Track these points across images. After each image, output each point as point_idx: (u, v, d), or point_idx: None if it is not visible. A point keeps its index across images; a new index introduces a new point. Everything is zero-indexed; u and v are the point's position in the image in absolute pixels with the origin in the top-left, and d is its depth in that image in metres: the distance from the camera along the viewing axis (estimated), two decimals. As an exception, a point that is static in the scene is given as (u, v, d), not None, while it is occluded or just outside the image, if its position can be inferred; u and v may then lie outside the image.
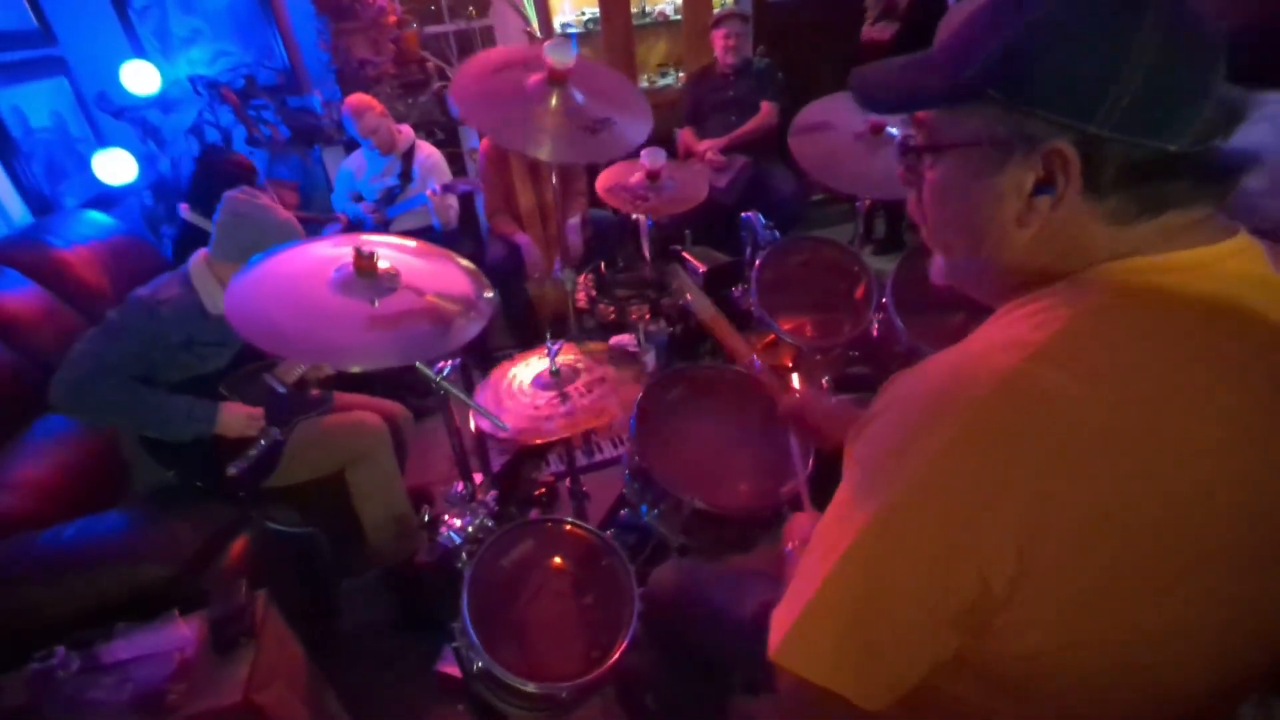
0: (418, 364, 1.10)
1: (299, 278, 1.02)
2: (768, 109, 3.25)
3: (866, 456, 0.60)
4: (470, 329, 1.11)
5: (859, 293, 1.66)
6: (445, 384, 1.13)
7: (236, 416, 1.65)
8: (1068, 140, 0.52)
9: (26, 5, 2.93)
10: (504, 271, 3.06)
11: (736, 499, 1.29)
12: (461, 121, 3.45)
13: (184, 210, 2.53)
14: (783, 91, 3.31)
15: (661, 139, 3.74)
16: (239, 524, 1.59)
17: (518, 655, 1.03)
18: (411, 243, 1.20)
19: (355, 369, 0.98)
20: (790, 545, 0.95)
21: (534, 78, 1.19)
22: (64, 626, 1.27)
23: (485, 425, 1.23)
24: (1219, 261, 0.54)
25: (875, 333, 1.64)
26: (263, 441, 1.71)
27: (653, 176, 1.61)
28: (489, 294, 1.15)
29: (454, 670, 1.71)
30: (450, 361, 1.16)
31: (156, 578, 1.38)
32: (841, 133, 1.59)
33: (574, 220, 3.09)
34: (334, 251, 1.08)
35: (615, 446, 2.49)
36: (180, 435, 1.60)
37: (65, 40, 3.08)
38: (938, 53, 0.61)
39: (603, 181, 1.68)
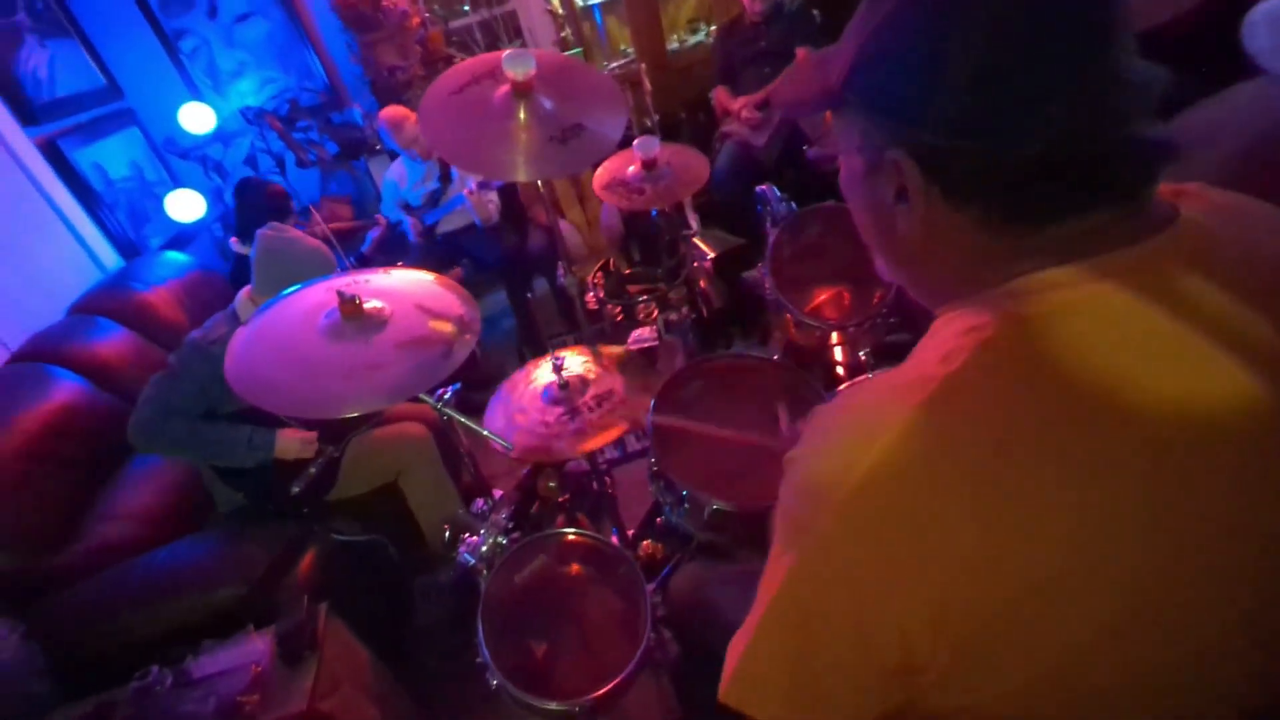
0: (425, 399, 1.12)
1: (291, 332, 1.06)
2: (803, 56, 3.04)
3: (786, 499, 0.56)
4: (465, 349, 1.13)
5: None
6: (448, 410, 1.16)
7: (291, 440, 1.77)
8: (903, 150, 0.49)
9: (93, 64, 3.18)
10: (549, 259, 3.09)
11: (757, 496, 1.25)
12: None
13: (233, 243, 2.69)
14: (819, 33, 3.09)
15: (697, 101, 3.62)
16: (306, 539, 1.71)
17: (535, 671, 1.06)
18: (393, 272, 1.23)
19: (353, 414, 1.00)
20: None
21: (500, 91, 1.17)
22: (155, 646, 1.43)
23: (494, 445, 1.25)
24: (1121, 275, 0.46)
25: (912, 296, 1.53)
26: (320, 460, 1.83)
27: (648, 166, 1.55)
28: (474, 311, 1.16)
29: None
30: (450, 388, 1.19)
31: (231, 597, 1.52)
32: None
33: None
34: (322, 297, 1.11)
35: (640, 439, 2.50)
36: (244, 462, 1.74)
37: (130, 91, 3.33)
38: (826, 56, 0.56)
39: (599, 179, 1.64)
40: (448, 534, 1.19)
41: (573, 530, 1.21)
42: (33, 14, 2.92)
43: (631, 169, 1.58)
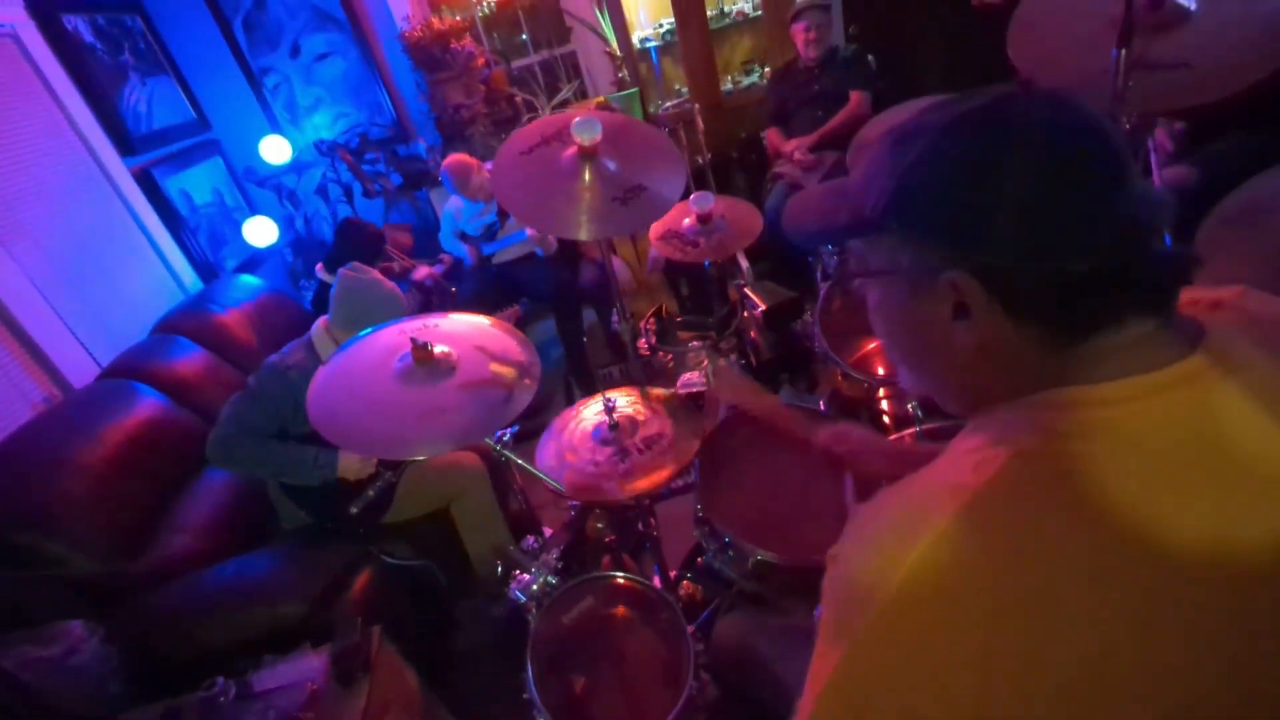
0: (492, 444, 1.19)
1: (367, 375, 1.15)
2: (857, 99, 3.08)
3: (833, 594, 0.59)
4: (526, 394, 1.19)
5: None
6: (505, 451, 1.22)
7: (352, 461, 1.86)
8: (964, 270, 0.52)
9: (185, 99, 3.44)
10: (599, 293, 3.17)
11: (801, 549, 1.27)
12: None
13: (319, 270, 2.86)
14: (874, 78, 3.13)
15: (749, 141, 3.69)
16: (361, 560, 1.79)
17: (578, 711, 1.10)
18: (453, 315, 1.30)
19: (423, 456, 1.07)
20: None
21: (567, 152, 1.24)
22: (220, 656, 1.52)
23: (546, 485, 1.31)
24: (1151, 395, 0.49)
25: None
26: (378, 483, 1.92)
27: (703, 220, 1.60)
28: (533, 356, 1.23)
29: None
30: (510, 429, 1.25)
31: (292, 614, 1.60)
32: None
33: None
34: (395, 340, 1.19)
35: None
36: (310, 480, 1.84)
37: (217, 124, 3.57)
38: (852, 184, 0.61)
39: (655, 231, 1.70)
40: (500, 569, 1.24)
41: (621, 575, 1.25)
42: (136, 54, 3.18)
43: (686, 221, 1.63)
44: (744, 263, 2.72)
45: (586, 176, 1.21)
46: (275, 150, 3.38)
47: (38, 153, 2.50)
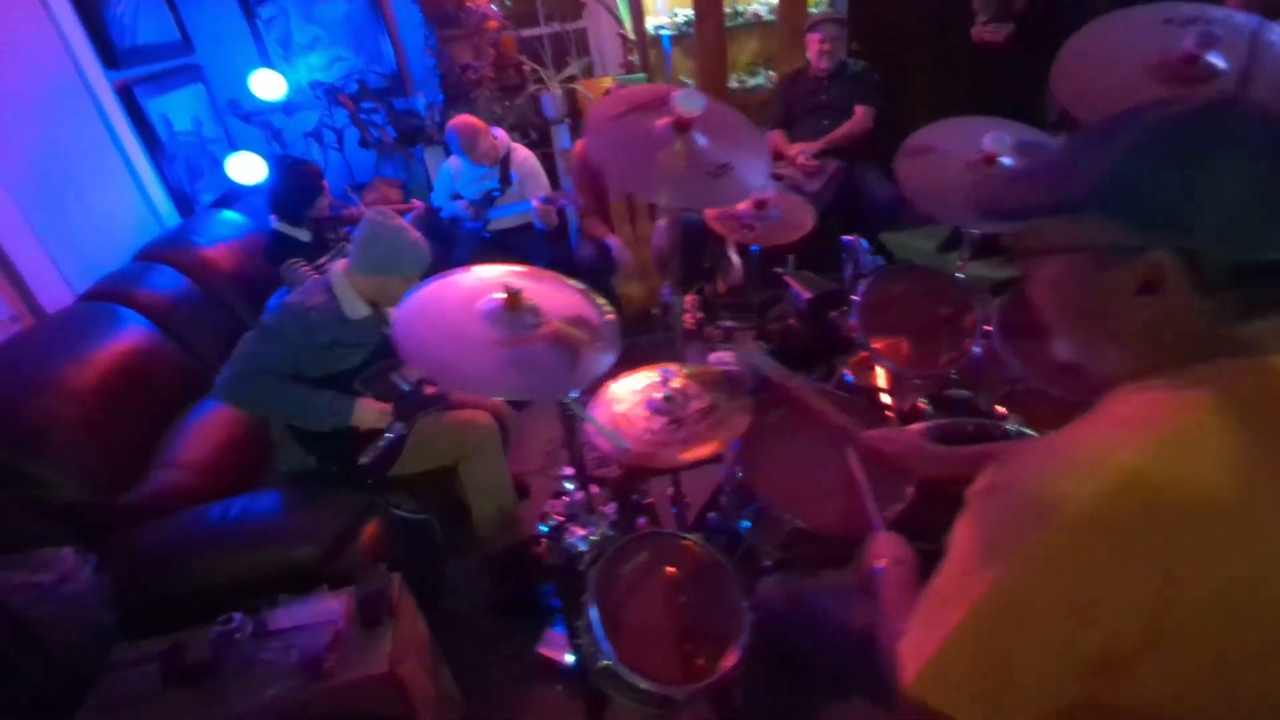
0: (573, 405, 1.21)
1: (455, 310, 1.15)
2: (862, 113, 3.22)
3: (990, 522, 0.66)
4: (595, 360, 1.22)
5: (969, 321, 1.68)
6: (575, 406, 1.25)
7: (369, 410, 1.83)
8: (1168, 250, 0.58)
9: (171, 17, 3.22)
10: (593, 271, 3.19)
11: (833, 520, 1.35)
12: (561, 122, 3.58)
13: (272, 220, 2.70)
14: (878, 95, 3.27)
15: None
16: (369, 510, 1.76)
17: (632, 655, 1.14)
18: (545, 273, 1.32)
19: (500, 399, 1.08)
20: (880, 564, 0.99)
21: (660, 122, 1.27)
22: (229, 595, 1.47)
23: (605, 444, 1.34)
24: None
25: (978, 356, 1.66)
26: (389, 434, 1.89)
27: (760, 205, 1.66)
28: (609, 326, 1.26)
29: (554, 653, 1.86)
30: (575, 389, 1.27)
31: (308, 556, 1.57)
32: (950, 160, 1.60)
33: (662, 222, 3.17)
34: (483, 283, 1.20)
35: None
36: (322, 425, 1.79)
37: (202, 49, 3.37)
38: (1042, 170, 0.68)
39: (711, 210, 1.75)
40: (552, 523, 1.27)
41: (686, 535, 1.30)
42: (125, -40, 2.95)
43: (743, 205, 1.69)
44: (735, 259, 2.81)
45: (678, 146, 1.25)
46: (268, 85, 3.22)
47: (18, 54, 2.31)
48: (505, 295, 1.14)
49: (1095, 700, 0.63)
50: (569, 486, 1.29)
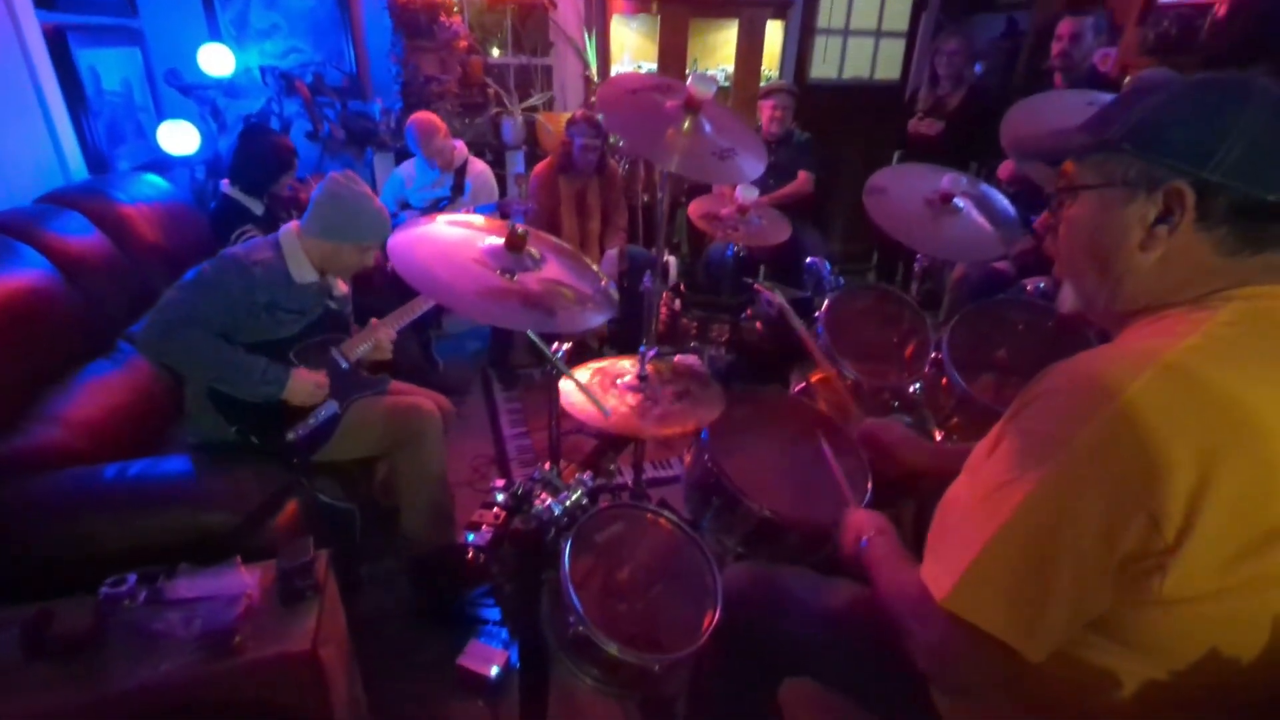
0: (534, 337, 1.17)
1: (455, 242, 1.11)
2: (804, 177, 3.47)
3: (1032, 429, 0.69)
4: (590, 317, 1.20)
5: (909, 350, 1.79)
6: (559, 363, 1.21)
7: (305, 383, 1.68)
8: (1186, 182, 0.67)
9: (119, -24, 3.04)
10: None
11: (802, 512, 1.35)
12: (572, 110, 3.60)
13: (224, 184, 2.55)
14: (820, 164, 3.54)
15: (696, 190, 3.95)
16: (291, 488, 1.59)
17: (604, 626, 1.07)
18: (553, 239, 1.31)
19: (487, 322, 1.04)
20: (865, 537, 1.00)
21: (670, 103, 1.32)
22: (125, 561, 1.27)
23: (578, 413, 1.29)
24: None
25: (916, 384, 1.76)
26: (322, 412, 1.74)
27: (742, 211, 1.73)
28: (607, 285, 1.25)
29: (476, 666, 1.71)
30: (563, 345, 1.24)
31: (221, 524, 1.38)
32: (911, 197, 1.74)
33: (612, 252, 3.22)
34: (490, 231, 1.17)
35: (658, 468, 2.57)
36: (251, 393, 1.63)
37: (146, 15, 3.19)
38: (1081, 124, 0.77)
39: (696, 209, 1.81)
40: (520, 489, 1.20)
41: (653, 508, 1.26)
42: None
43: (727, 210, 1.75)
44: (673, 266, 2.86)
45: (686, 125, 1.30)
46: (217, 61, 3.07)
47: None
48: (508, 236, 1.11)
49: (1126, 607, 0.65)
50: (543, 470, 1.23)
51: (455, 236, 1.14)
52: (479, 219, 1.22)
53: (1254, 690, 0.69)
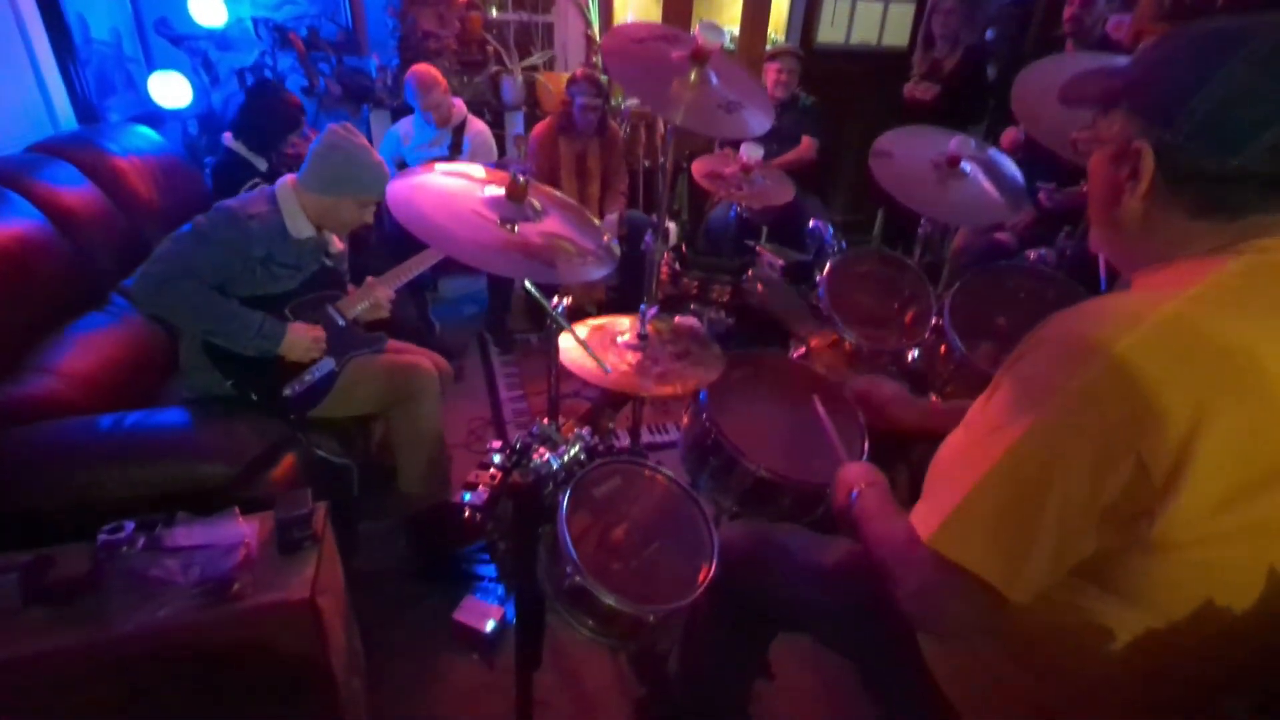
0: (532, 288, 1.15)
1: (455, 190, 1.09)
2: (808, 143, 3.41)
3: (1029, 375, 0.69)
4: (590, 270, 1.18)
5: (909, 316, 1.78)
6: (559, 317, 1.19)
7: (301, 338, 1.67)
8: (1149, 142, 0.66)
9: (105, -82, 2.94)
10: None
11: (798, 471, 1.36)
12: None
13: (227, 139, 2.52)
14: (823, 130, 3.48)
15: (698, 154, 3.90)
16: (288, 442, 1.59)
17: (601, 577, 1.07)
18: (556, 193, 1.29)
19: (487, 269, 1.03)
20: (856, 489, 0.99)
21: (677, 53, 1.28)
22: (121, 511, 1.26)
23: (576, 370, 1.29)
24: None
25: (915, 350, 1.75)
26: (319, 369, 1.73)
27: (746, 170, 1.71)
28: (609, 239, 1.23)
29: (471, 621, 1.74)
30: (562, 301, 1.22)
31: (218, 475, 1.38)
32: (916, 160, 1.72)
33: (612, 216, 3.19)
34: (490, 181, 1.15)
35: (655, 433, 2.58)
36: (245, 348, 1.61)
37: (135, -40, 3.08)
38: (1101, 71, 0.76)
39: (700, 168, 1.78)
40: (518, 444, 1.20)
41: (657, 468, 1.26)
42: None
43: (730, 169, 1.72)
44: (673, 233, 2.84)
45: (693, 76, 1.27)
46: (208, 10, 2.98)
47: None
48: (509, 184, 1.09)
49: (1114, 552, 0.66)
50: (541, 425, 1.22)
51: (455, 186, 1.11)
52: (478, 169, 1.19)
53: (1245, 642, 0.70)
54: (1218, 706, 0.78)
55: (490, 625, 1.73)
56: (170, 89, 2.78)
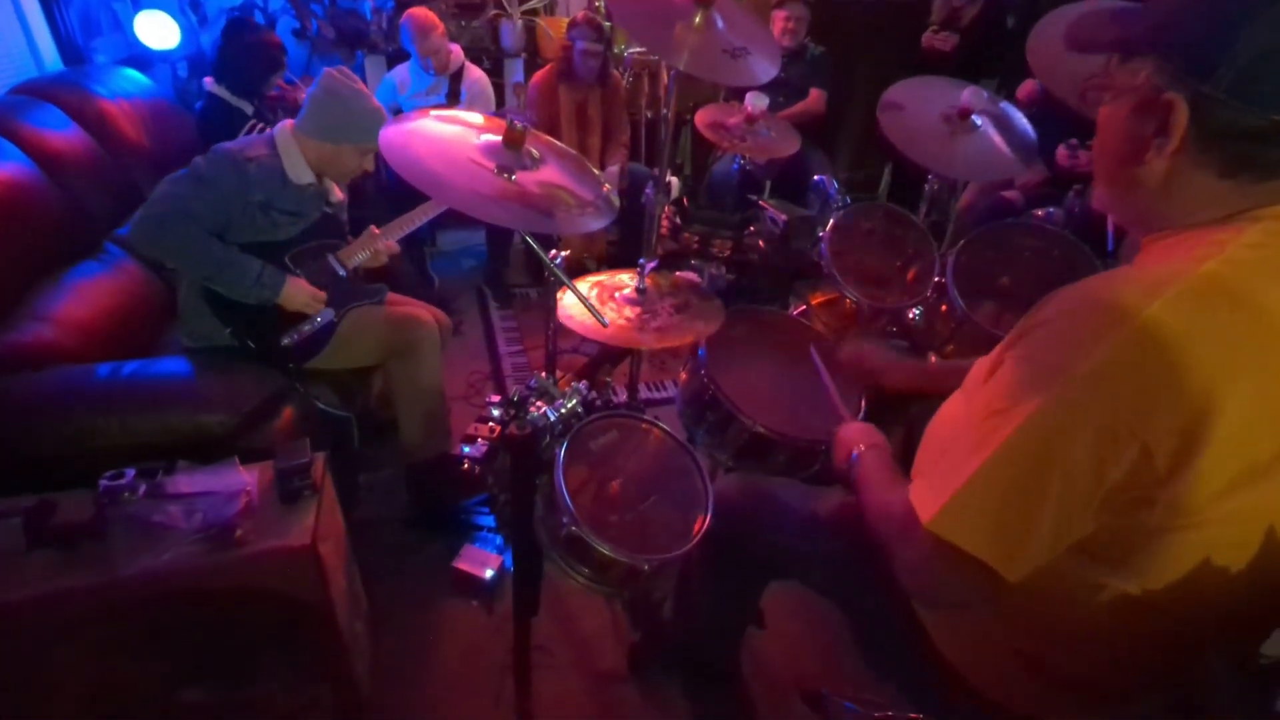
0: (531, 242, 1.13)
1: (450, 136, 1.06)
2: (816, 95, 3.32)
3: (1034, 355, 0.67)
4: (589, 221, 1.16)
5: (912, 274, 1.76)
6: (557, 270, 1.18)
7: (300, 290, 1.66)
8: (1182, 96, 0.61)
9: None
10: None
11: (794, 427, 1.36)
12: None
13: (209, 83, 2.43)
14: (833, 81, 3.38)
15: (702, 106, 3.80)
16: (287, 393, 1.59)
17: (597, 527, 1.09)
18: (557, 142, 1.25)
19: (484, 218, 1.01)
20: (856, 450, 0.99)
21: (680, -1, 1.24)
22: (121, 459, 1.27)
23: (574, 325, 1.28)
24: None
25: (916, 309, 1.74)
26: (318, 319, 1.72)
27: (750, 121, 1.66)
28: (609, 191, 1.21)
29: (471, 568, 1.77)
30: (560, 254, 1.21)
31: (218, 425, 1.38)
32: (927, 113, 1.67)
33: (613, 168, 3.12)
34: (486, 128, 1.12)
35: (652, 390, 2.58)
36: (244, 296, 1.60)
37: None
38: (1124, 11, 0.71)
39: (703, 118, 1.73)
40: (515, 396, 1.20)
41: (654, 421, 1.26)
42: None
43: (734, 119, 1.67)
44: (675, 186, 2.79)
45: (698, 20, 1.22)
46: (194, -55, 2.86)
47: None
48: (506, 131, 1.06)
49: (1110, 531, 0.66)
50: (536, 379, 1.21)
51: (450, 133, 1.08)
52: (476, 116, 1.16)
53: (1233, 603, 0.71)
54: (1194, 666, 0.81)
55: (489, 573, 1.77)
56: (156, 29, 2.69)
